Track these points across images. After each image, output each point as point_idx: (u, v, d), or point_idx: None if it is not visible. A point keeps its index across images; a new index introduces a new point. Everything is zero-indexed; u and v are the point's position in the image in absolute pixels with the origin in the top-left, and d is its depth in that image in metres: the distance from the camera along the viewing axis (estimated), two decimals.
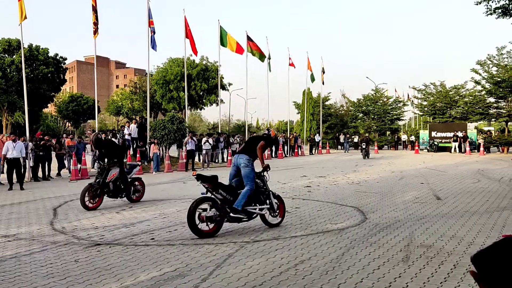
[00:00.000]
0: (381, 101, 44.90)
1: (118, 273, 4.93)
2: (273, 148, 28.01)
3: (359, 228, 7.06)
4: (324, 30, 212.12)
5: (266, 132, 7.93)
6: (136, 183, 10.53)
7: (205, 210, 6.57)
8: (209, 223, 6.56)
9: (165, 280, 4.66)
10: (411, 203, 9.59)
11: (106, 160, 10.11)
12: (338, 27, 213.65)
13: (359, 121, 46.90)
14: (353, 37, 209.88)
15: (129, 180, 10.23)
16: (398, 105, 45.64)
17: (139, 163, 14.89)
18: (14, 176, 13.77)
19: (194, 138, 20.47)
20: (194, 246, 6.08)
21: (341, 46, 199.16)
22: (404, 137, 42.01)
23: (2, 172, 14.78)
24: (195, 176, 6.52)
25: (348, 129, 45.74)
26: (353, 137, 41.76)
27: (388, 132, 45.61)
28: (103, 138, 10.96)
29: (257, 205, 7.07)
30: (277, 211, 7.37)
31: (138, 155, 19.22)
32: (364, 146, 27.14)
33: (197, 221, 6.47)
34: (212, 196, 6.66)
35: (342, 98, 52.79)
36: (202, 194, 6.71)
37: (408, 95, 55.42)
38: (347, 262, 5.22)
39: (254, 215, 7.02)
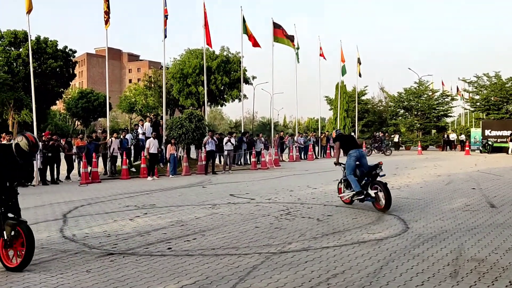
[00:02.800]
0: (425, 95, 44.23)
1: (133, 285, 5.05)
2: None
3: (400, 239, 7.00)
4: (359, 16, 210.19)
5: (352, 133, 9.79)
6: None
7: None
8: None
9: None
10: (461, 211, 9.43)
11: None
12: (375, 12, 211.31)
13: (400, 118, 46.34)
14: (392, 23, 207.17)
15: None
16: (446, 99, 44.85)
17: None
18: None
19: (214, 137, 20.64)
20: (215, 257, 6.16)
21: (380, 33, 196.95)
22: (452, 136, 41.26)
23: None
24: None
25: (387, 127, 45.25)
26: (393, 136, 41.28)
27: (433, 131, 44.87)
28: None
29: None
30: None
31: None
32: (380, 146, 31.17)
33: None
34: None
35: (380, 92, 52.35)
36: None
37: (457, 88, 54.36)
38: (386, 277, 5.19)
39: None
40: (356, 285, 4.91)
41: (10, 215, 5.98)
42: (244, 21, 25.82)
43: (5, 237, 5.79)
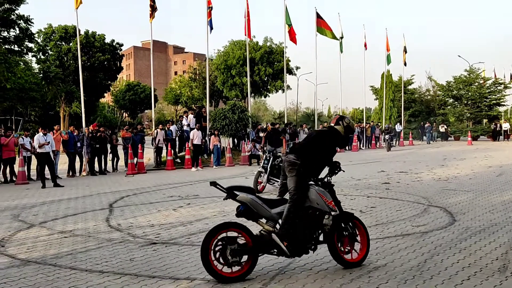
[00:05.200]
0: (476, 84, 42.56)
1: (174, 274, 5.14)
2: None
3: (446, 232, 6.79)
4: (405, 2, 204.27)
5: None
6: None
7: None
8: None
9: (223, 284, 4.78)
10: None
11: None
12: None
13: (449, 107, 44.87)
14: (440, 9, 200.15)
15: None
16: (498, 88, 43.02)
17: None
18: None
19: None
20: None
21: (427, 20, 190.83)
22: (505, 125, 39.57)
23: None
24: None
25: (435, 117, 43.93)
26: (441, 126, 40.10)
27: (485, 120, 43.20)
28: None
29: None
30: None
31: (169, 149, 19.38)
32: (387, 138, 27.42)
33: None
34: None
35: (428, 81, 50.75)
36: None
37: (511, 76, 52.01)
38: (430, 271, 5.05)
39: None
40: (398, 279, 4.80)
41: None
42: (287, 11, 25.60)
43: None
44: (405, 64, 39.21)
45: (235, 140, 24.11)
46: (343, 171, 5.73)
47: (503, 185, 11.64)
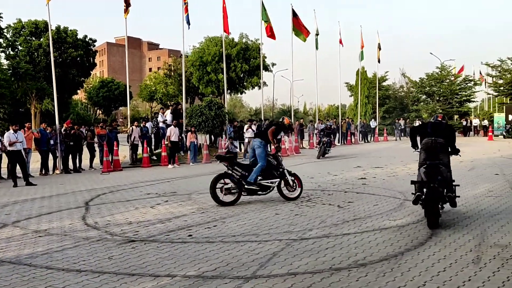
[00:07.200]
0: (447, 81, 43.43)
1: (154, 271, 5.10)
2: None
3: (422, 225, 6.92)
4: (380, 1, 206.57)
5: (281, 120, 10.44)
6: None
7: (226, 184, 9.08)
8: (229, 195, 9.06)
9: (204, 280, 4.78)
10: (484, 197, 9.29)
11: None
12: None
13: (422, 103, 45.65)
14: (414, 6, 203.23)
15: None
16: (468, 84, 43.99)
17: None
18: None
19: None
20: (236, 243, 6.18)
21: (400, 17, 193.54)
22: (475, 121, 40.53)
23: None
24: (215, 157, 8.74)
25: (409, 113, 44.67)
26: (416, 121, 40.81)
27: (456, 116, 44.14)
28: None
29: (271, 179, 9.37)
30: (294, 187, 9.54)
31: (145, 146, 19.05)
32: (325, 140, 19.62)
33: (219, 193, 8.94)
34: (230, 172, 9.09)
35: (402, 78, 51.60)
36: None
37: (480, 73, 53.24)
38: (407, 263, 5.15)
39: (270, 188, 9.35)
40: (377, 272, 4.88)
41: None
42: (263, 7, 25.58)
43: None
44: (379, 61, 39.71)
45: (212, 136, 24.05)
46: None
47: (475, 179, 11.92)
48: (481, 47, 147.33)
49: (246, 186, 9.08)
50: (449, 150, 7.48)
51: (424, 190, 6.80)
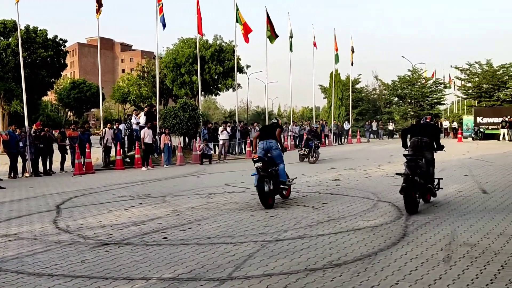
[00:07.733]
0: (419, 83, 44.33)
1: (128, 275, 5.05)
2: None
3: (395, 225, 7.04)
4: (352, 3, 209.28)
5: (275, 121, 10.92)
6: None
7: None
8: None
9: (179, 282, 4.76)
10: (453, 197, 9.52)
11: None
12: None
13: (394, 106, 46.45)
14: (386, 10, 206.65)
15: None
16: (439, 87, 45.07)
17: None
18: None
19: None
20: (211, 245, 6.17)
21: (373, 21, 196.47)
22: (445, 123, 41.43)
23: None
24: (256, 159, 8.87)
25: (381, 115, 45.35)
26: (389, 123, 41.44)
27: None
28: None
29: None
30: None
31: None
32: (315, 143, 18.80)
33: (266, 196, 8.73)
34: (265, 174, 8.80)
35: (374, 81, 52.40)
36: (252, 175, 9.04)
37: (449, 76, 54.50)
38: (381, 263, 5.23)
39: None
40: (351, 272, 4.95)
41: None
42: (237, 9, 25.60)
43: None
44: (352, 64, 40.22)
45: (186, 138, 23.92)
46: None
47: (445, 180, 12.08)
48: (451, 53, 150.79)
49: (282, 186, 9.24)
50: (435, 146, 8.82)
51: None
